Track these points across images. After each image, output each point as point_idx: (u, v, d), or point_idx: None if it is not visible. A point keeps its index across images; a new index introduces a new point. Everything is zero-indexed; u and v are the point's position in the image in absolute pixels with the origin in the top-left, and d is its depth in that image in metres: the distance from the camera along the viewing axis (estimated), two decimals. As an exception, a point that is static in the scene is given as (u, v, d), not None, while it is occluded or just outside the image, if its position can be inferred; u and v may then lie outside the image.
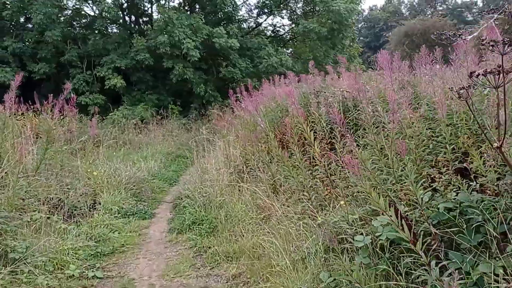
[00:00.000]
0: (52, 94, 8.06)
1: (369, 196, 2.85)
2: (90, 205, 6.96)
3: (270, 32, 23.93)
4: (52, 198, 6.49)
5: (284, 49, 21.27)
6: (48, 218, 5.80)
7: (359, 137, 5.02)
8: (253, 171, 6.80)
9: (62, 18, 18.97)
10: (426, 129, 3.81)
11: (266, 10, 22.70)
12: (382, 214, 3.60)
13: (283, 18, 24.45)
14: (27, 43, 18.28)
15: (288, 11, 23.40)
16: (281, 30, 24.30)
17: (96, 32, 18.73)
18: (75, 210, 6.59)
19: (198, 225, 6.12)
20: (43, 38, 17.17)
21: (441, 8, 68.25)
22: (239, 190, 6.64)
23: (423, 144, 3.71)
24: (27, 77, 17.43)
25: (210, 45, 18.33)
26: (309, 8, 22.71)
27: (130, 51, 17.73)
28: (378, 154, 4.10)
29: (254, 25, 23.70)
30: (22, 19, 19.44)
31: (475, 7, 67.94)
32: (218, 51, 18.59)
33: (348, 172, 4.17)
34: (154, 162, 10.65)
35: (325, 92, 6.53)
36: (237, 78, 18.63)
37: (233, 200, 6.32)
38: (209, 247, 5.33)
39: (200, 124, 16.35)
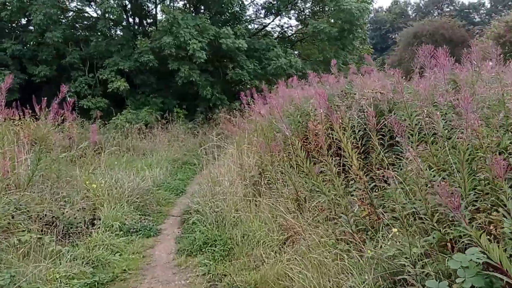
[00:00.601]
0: (45, 98, 7.32)
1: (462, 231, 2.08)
2: (88, 221, 6.22)
3: (277, 33, 23.22)
4: (46, 215, 5.76)
5: (292, 51, 20.48)
6: (40, 238, 5.06)
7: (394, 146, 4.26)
8: (271, 183, 6.05)
9: (63, 20, 18.32)
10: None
11: (273, 11, 21.97)
12: (452, 247, 2.84)
13: (290, 18, 23.73)
14: (28, 45, 17.63)
15: (296, 12, 22.66)
16: (288, 31, 23.59)
17: (99, 33, 18.04)
18: (71, 227, 5.85)
19: (210, 246, 5.37)
20: (44, 39, 16.50)
21: (447, 9, 67.42)
22: (256, 205, 5.89)
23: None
24: (26, 80, 16.84)
25: (217, 46, 17.62)
26: (319, 7, 21.96)
27: (134, 53, 17.04)
28: (435, 169, 3.34)
29: (261, 26, 23.00)
30: (23, 21, 18.83)
31: (482, 8, 67.16)
32: (225, 53, 17.87)
33: (396, 190, 3.41)
34: (159, 170, 9.93)
35: (354, 94, 5.77)
36: (245, 81, 17.91)
37: (250, 217, 5.58)
38: (225, 275, 4.58)
39: (207, 129, 15.66)
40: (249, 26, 22.09)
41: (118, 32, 20.08)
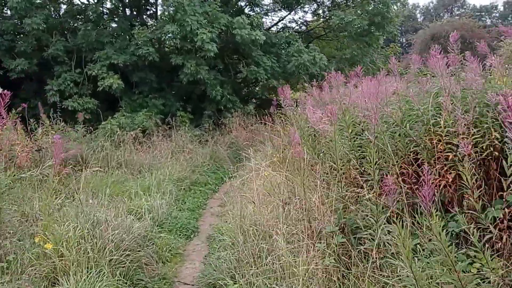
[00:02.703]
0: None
1: None
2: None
3: (296, 26, 20.42)
4: None
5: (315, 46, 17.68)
6: None
7: None
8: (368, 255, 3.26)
9: (47, 6, 15.48)
10: None
11: (291, 1, 19.15)
12: None
13: (306, 12, 20.93)
14: (4, 35, 14.79)
15: (315, 3, 19.89)
16: (302, 26, 20.80)
17: (89, 22, 15.20)
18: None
19: None
20: (22, 27, 13.71)
21: (458, 12, 65.03)
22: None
23: None
24: (1, 76, 14.04)
25: (229, 38, 14.85)
26: (342, -2, 19.14)
27: (130, 45, 14.23)
28: None
29: (277, 19, 20.24)
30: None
31: (495, 11, 64.72)
32: (238, 47, 15.07)
33: None
34: (160, 197, 7.10)
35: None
36: (261, 80, 15.10)
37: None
38: None
39: (218, 136, 12.86)
40: (263, 20, 19.28)
41: (114, 25, 17.25)
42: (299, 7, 19.78)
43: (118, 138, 10.21)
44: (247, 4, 17.86)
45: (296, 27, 20.57)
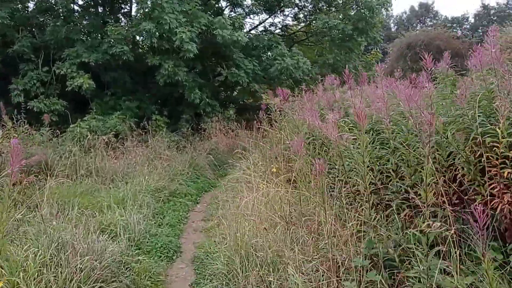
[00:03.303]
0: None
1: None
2: None
3: (277, 30, 19.77)
4: None
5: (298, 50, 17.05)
6: None
7: None
8: None
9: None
10: None
11: (271, 4, 18.50)
12: None
13: (287, 16, 20.28)
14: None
15: (298, 6, 19.31)
16: (289, 29, 20.22)
17: (58, 18, 14.16)
18: None
19: None
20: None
21: (430, 23, 65.93)
22: None
23: None
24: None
25: (208, 39, 14.08)
26: (324, 3, 18.58)
27: (103, 43, 13.26)
28: None
29: (257, 22, 19.58)
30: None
31: (466, 22, 65.88)
32: (219, 48, 14.32)
33: None
34: (137, 211, 6.25)
35: None
36: (243, 83, 14.35)
37: None
38: None
39: (197, 142, 12.05)
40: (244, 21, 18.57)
41: (85, 22, 16.17)
42: (280, 10, 19.19)
43: (88, 142, 9.26)
44: (228, 4, 17.10)
45: (277, 31, 19.93)
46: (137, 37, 15.10)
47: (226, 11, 17.57)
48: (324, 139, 4.91)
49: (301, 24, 20.60)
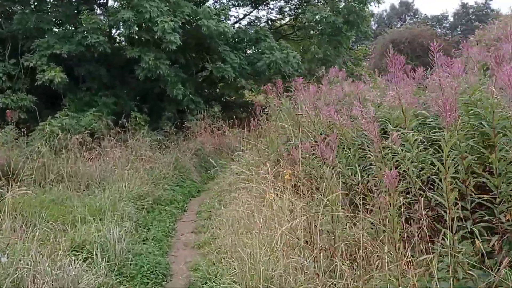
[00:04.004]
0: None
1: None
2: None
3: (263, 24, 18.82)
4: None
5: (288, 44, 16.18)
6: None
7: None
8: None
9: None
10: None
11: None
12: None
13: (272, 9, 19.39)
14: None
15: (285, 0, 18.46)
16: (274, 22, 19.32)
17: (27, 5, 12.95)
18: None
19: None
20: None
21: (411, 21, 66.05)
22: None
23: None
24: None
25: (192, 31, 13.10)
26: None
27: (77, 33, 12.12)
28: None
29: (242, 15, 18.61)
30: None
31: (445, 21, 66.21)
32: (203, 41, 13.35)
33: None
34: (116, 224, 5.26)
35: None
36: (229, 78, 13.38)
37: None
38: None
39: (182, 142, 11.08)
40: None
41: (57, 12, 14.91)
42: (265, 3, 18.30)
43: (60, 142, 8.18)
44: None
45: (262, 25, 19.02)
46: (114, 30, 14.07)
47: (210, 1, 16.62)
48: (348, 139, 4.02)
49: (286, 18, 19.77)
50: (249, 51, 15.53)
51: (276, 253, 3.47)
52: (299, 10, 17.65)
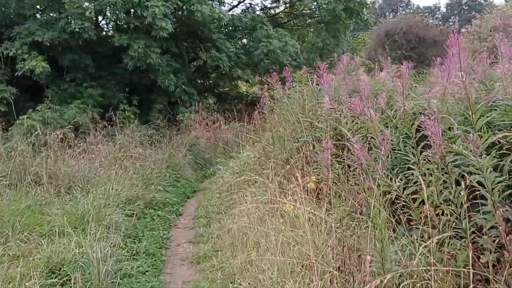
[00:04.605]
0: None
1: None
2: None
3: (258, 12, 17.95)
4: None
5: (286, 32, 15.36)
6: None
7: None
8: None
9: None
10: None
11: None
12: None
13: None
14: None
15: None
16: (268, 10, 18.44)
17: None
18: None
19: None
20: None
21: (403, 12, 65.48)
22: None
23: None
24: None
25: (185, 18, 12.28)
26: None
27: (60, 19, 11.23)
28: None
29: (236, 2, 17.72)
30: None
31: (438, 12, 65.75)
32: (196, 28, 12.54)
33: None
34: (102, 237, 4.49)
35: None
36: (224, 67, 12.56)
37: None
38: None
39: (174, 136, 10.29)
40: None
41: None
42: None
43: (39, 139, 7.34)
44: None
45: (258, 13, 18.17)
46: (101, 18, 13.18)
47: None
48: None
49: (281, 6, 18.93)
50: (244, 41, 14.74)
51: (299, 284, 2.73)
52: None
